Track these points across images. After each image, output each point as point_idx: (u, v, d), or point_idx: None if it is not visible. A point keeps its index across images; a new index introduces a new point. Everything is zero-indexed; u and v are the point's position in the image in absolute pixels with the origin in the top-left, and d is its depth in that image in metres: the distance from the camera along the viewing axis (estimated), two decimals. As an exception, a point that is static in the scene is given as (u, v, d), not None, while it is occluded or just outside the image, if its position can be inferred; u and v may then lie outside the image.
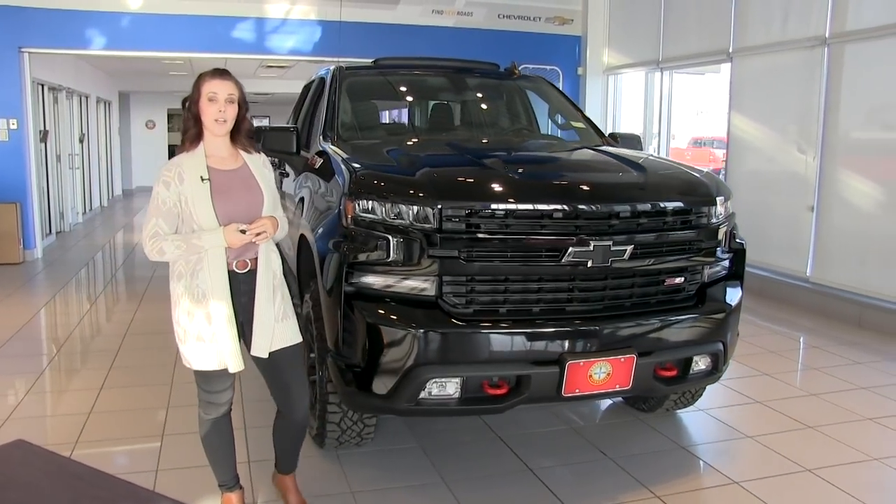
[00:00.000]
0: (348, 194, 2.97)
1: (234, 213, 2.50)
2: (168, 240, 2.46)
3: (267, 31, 9.48)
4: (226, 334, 2.51)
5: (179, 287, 2.53)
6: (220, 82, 2.53)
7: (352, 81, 4.39)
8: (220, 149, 2.59)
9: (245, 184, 2.59)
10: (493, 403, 2.94)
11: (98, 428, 3.76)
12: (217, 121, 2.51)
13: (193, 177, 2.48)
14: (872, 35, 6.01)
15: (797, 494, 3.18)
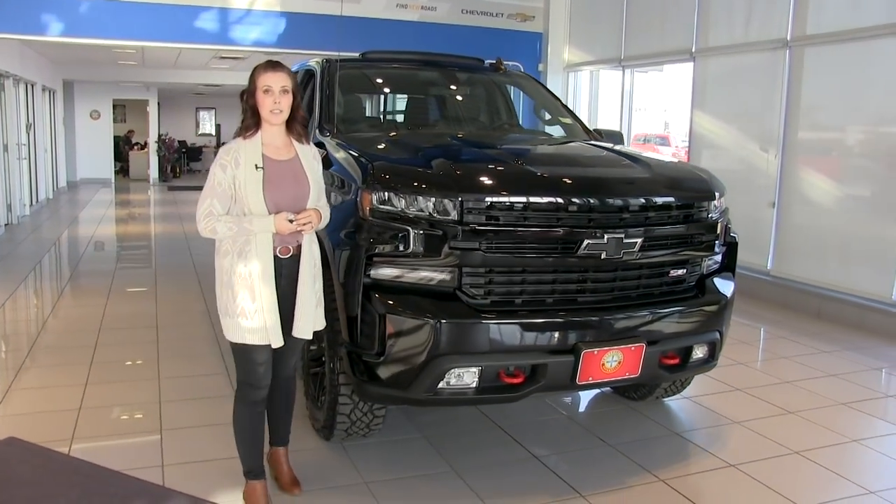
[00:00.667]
0: (365, 186, 2.97)
1: (282, 202, 2.66)
2: (221, 220, 2.62)
3: (229, 22, 9.27)
4: (271, 312, 2.66)
5: (225, 264, 2.68)
6: (274, 74, 2.67)
7: (344, 74, 4.37)
8: (275, 138, 2.74)
9: (294, 175, 2.74)
10: (510, 392, 3.01)
11: (91, 424, 3.66)
12: (273, 111, 2.66)
13: (249, 163, 2.64)
14: (831, 39, 6.31)
15: (789, 476, 3.34)
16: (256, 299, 2.65)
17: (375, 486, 3.10)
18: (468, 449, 3.50)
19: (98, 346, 4.89)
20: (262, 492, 2.84)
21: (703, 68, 7.82)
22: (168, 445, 3.44)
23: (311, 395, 3.61)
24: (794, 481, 3.29)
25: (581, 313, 3.02)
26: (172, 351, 4.84)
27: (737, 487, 3.22)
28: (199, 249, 8.76)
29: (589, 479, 3.23)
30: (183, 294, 6.50)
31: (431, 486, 3.13)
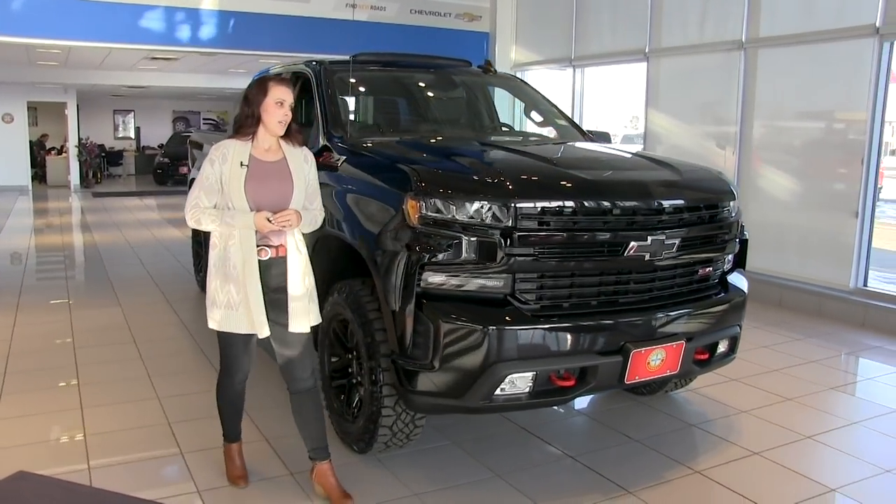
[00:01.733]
0: (413, 193, 2.92)
1: (264, 200, 2.79)
2: (206, 213, 2.78)
3: (171, 21, 8.87)
4: (257, 303, 2.79)
5: (214, 256, 2.86)
6: (286, 90, 2.85)
7: (341, 77, 4.29)
8: (267, 141, 2.88)
9: (280, 175, 2.86)
10: (561, 395, 3.03)
11: (104, 450, 3.45)
12: (281, 122, 2.83)
13: (235, 160, 2.79)
14: (784, 42, 6.64)
15: (810, 459, 3.50)
16: (240, 291, 2.79)
17: (428, 498, 3.05)
18: (501, 452, 3.50)
19: (80, 366, 4.60)
20: (238, 451, 3.19)
21: (656, 68, 8.08)
22: (197, 469, 3.28)
23: (337, 408, 3.52)
24: (817, 465, 3.45)
25: (627, 314, 3.07)
26: (162, 368, 4.62)
27: (767, 474, 3.34)
28: (150, 259, 8.39)
29: (629, 476, 3.29)
30: (150, 305, 6.21)
31: (482, 493, 3.11)
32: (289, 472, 3.25)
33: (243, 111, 2.83)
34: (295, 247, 2.87)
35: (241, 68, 15.13)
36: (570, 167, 3.25)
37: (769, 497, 3.12)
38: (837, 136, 6.34)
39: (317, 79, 4.25)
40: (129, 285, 6.98)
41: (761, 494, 3.14)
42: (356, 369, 3.39)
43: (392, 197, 3.02)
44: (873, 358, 5.24)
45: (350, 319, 3.29)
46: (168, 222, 12.03)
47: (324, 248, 3.69)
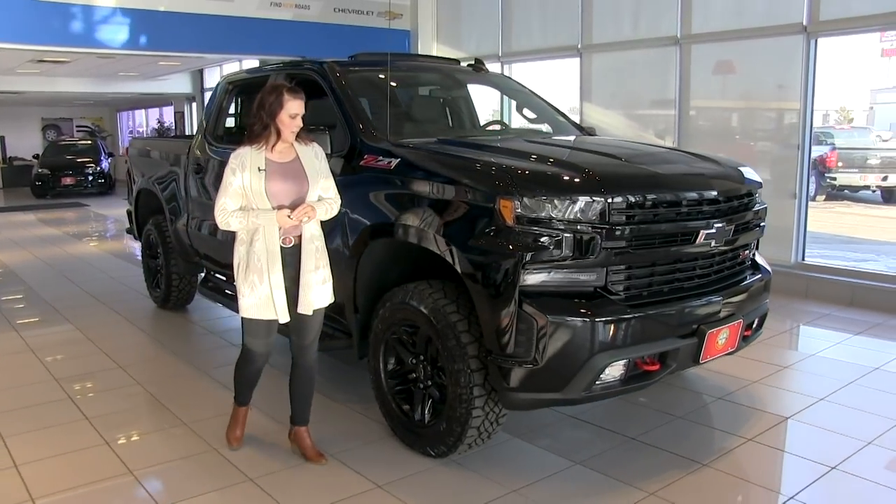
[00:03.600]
0: (506, 194, 2.95)
1: (283, 199, 3.13)
2: (234, 215, 3.12)
3: (66, 18, 8.15)
4: (279, 292, 3.14)
5: (241, 251, 3.20)
6: (301, 103, 3.15)
7: (356, 78, 4.22)
8: (280, 145, 3.19)
9: (295, 174, 3.17)
10: (646, 379, 3.17)
11: (172, 486, 3.23)
12: (293, 132, 3.16)
13: (253, 167, 3.11)
14: (717, 38, 7.15)
15: (834, 419, 3.85)
16: (265, 281, 3.12)
17: (528, 493, 3.10)
18: (569, 440, 3.61)
19: (76, 399, 4.23)
20: (243, 415, 3.55)
21: (589, 63, 8.43)
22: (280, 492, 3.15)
23: (401, 415, 3.49)
24: (841, 424, 3.80)
25: (698, 298, 3.25)
26: (169, 393, 4.34)
27: (809, 434, 3.66)
28: (82, 278, 7.76)
29: (692, 450, 3.49)
30: (117, 327, 5.78)
31: (574, 482, 3.20)
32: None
33: (260, 121, 3.12)
34: (310, 237, 3.19)
35: (133, 72, 14.27)
36: (639, 163, 3.39)
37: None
38: (774, 124, 6.91)
39: (329, 80, 4.15)
40: (76, 307, 6.43)
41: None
42: (426, 373, 3.37)
43: (482, 198, 3.02)
44: (825, 325, 5.77)
45: (423, 323, 3.26)
46: (73, 237, 11.14)
47: (370, 254, 3.63)
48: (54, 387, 4.46)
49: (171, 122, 18.16)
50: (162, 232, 6.07)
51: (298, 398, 3.42)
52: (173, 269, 6.05)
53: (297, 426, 3.45)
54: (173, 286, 6.12)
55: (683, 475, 3.24)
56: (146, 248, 6.48)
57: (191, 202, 5.45)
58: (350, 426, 3.80)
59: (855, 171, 14.51)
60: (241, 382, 3.51)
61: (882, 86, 27.55)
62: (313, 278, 3.20)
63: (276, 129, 3.13)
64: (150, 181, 6.16)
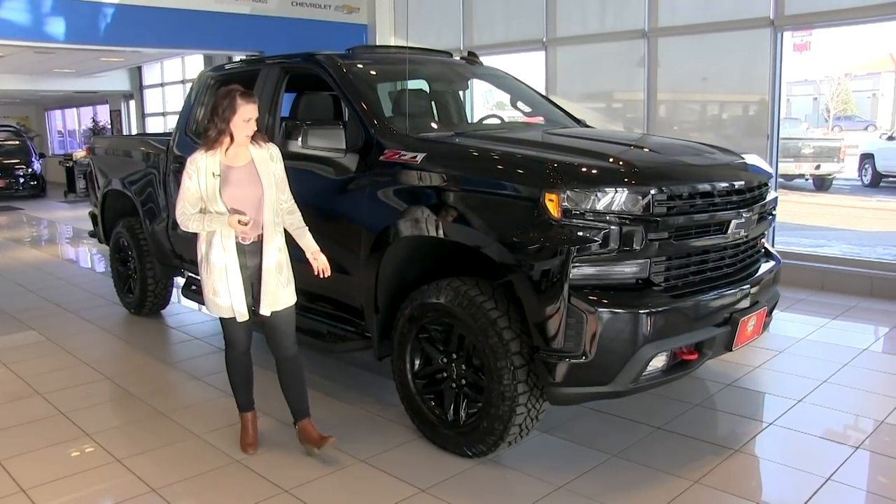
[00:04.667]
0: (553, 187, 2.91)
1: (238, 202, 3.20)
2: (192, 218, 3.20)
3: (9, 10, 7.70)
4: (237, 292, 3.22)
5: (202, 249, 3.28)
6: (253, 107, 3.21)
7: (361, 72, 4.12)
8: (234, 148, 3.24)
9: (249, 178, 3.23)
10: (685, 369, 3.20)
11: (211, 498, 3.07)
12: (247, 135, 3.22)
13: (208, 172, 3.18)
14: (684, 31, 7.30)
15: (845, 400, 3.98)
16: (223, 281, 3.22)
17: (574, 487, 3.08)
18: (594, 433, 3.60)
19: (69, 415, 3.98)
20: (252, 419, 3.52)
21: (554, 56, 8.48)
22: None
23: (431, 416, 3.42)
24: (858, 404, 3.93)
25: (730, 287, 3.29)
26: (170, 403, 4.14)
27: (826, 416, 3.77)
28: (39, 285, 7.34)
29: (720, 435, 3.55)
30: (92, 336, 5.47)
31: (617, 473, 3.20)
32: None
33: (214, 126, 3.17)
34: (270, 239, 3.24)
35: (69, 68, 13.60)
36: (671, 154, 3.41)
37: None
38: (743, 114, 7.11)
39: (336, 75, 4.02)
40: (42, 317, 6.06)
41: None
42: (459, 372, 3.31)
43: (526, 192, 2.97)
44: (803, 310, 5.97)
45: (458, 321, 3.20)
46: (15, 242, 10.53)
47: (393, 252, 3.54)
48: (41, 402, 4.19)
49: (107, 122, 17.38)
50: (135, 235, 5.79)
51: (290, 392, 3.44)
52: (149, 273, 5.78)
53: (299, 420, 3.44)
54: (149, 291, 5.85)
55: (720, 461, 3.29)
56: (116, 252, 6.16)
57: (172, 202, 5.20)
58: (372, 430, 3.70)
59: (790, 160, 15.11)
60: (235, 381, 3.50)
61: (795, 79, 29.00)
62: (273, 280, 3.25)
63: (230, 134, 3.18)
64: (122, 182, 5.86)
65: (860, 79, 30.46)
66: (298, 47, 6.64)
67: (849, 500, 3.01)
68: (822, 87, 28.94)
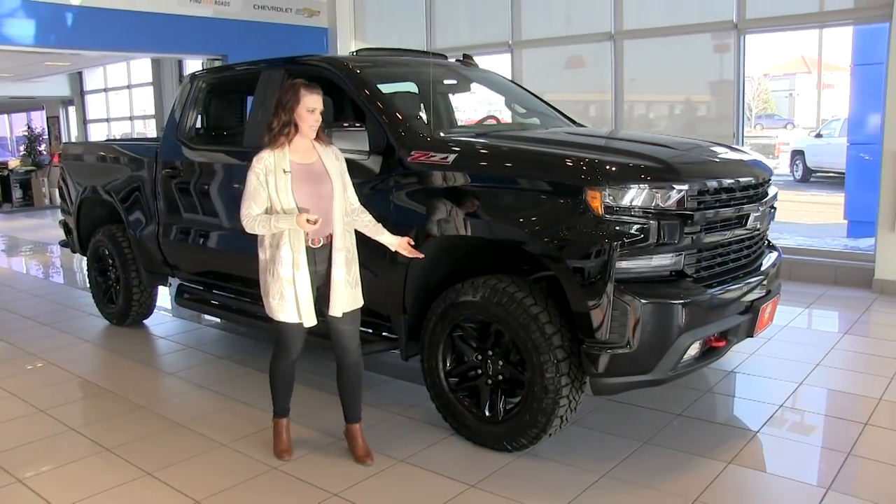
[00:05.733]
0: (596, 185, 3.00)
1: (308, 200, 3.12)
2: (258, 220, 3.10)
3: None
4: (304, 295, 3.13)
5: (267, 254, 3.19)
6: (318, 97, 3.14)
7: (374, 74, 4.13)
8: (302, 145, 3.19)
9: (318, 176, 3.18)
10: (715, 355, 3.36)
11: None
12: (312, 127, 3.15)
13: (278, 169, 3.10)
14: (653, 34, 7.57)
15: (838, 379, 4.23)
16: (291, 285, 3.11)
17: (616, 474, 3.19)
18: (618, 422, 3.72)
19: (80, 430, 3.84)
20: (286, 426, 3.47)
21: (520, 58, 8.64)
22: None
23: (468, 413, 3.46)
24: (851, 383, 4.18)
25: (750, 276, 3.47)
26: (185, 413, 4.05)
27: (832, 398, 4.00)
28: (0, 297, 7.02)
29: (747, 418, 3.73)
30: (78, 349, 5.27)
31: (655, 460, 3.32)
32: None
33: (279, 119, 3.10)
34: (341, 239, 3.18)
35: (6, 72, 13.01)
36: (694, 151, 3.56)
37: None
38: (710, 113, 7.41)
39: (350, 77, 4.03)
40: (17, 331, 5.79)
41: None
42: (495, 368, 3.37)
43: (569, 189, 3.06)
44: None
45: (497, 318, 3.26)
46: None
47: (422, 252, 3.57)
48: (46, 419, 4.04)
49: (43, 128, 16.67)
50: (118, 243, 5.62)
51: (346, 396, 3.41)
52: (133, 282, 5.62)
53: (349, 423, 3.44)
54: (133, 300, 5.68)
55: (746, 442, 3.46)
56: (94, 261, 5.97)
57: (163, 209, 5.08)
58: (400, 430, 3.72)
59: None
60: (277, 388, 3.43)
61: (716, 79, 30.33)
62: (343, 282, 3.20)
63: (294, 126, 3.11)
64: (102, 189, 5.67)
65: (778, 79, 31.94)
66: (260, 51, 6.60)
67: (871, 472, 3.20)
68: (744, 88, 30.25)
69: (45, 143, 16.48)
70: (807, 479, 3.13)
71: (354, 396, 3.40)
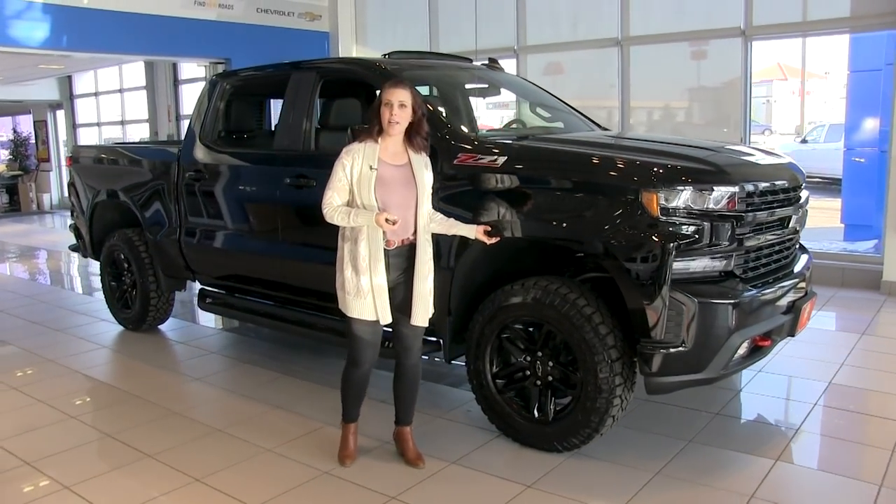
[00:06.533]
0: (652, 187, 3.04)
1: (391, 201, 3.11)
2: (338, 211, 3.10)
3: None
4: (380, 292, 3.12)
5: (346, 248, 3.17)
6: (395, 90, 3.10)
7: (415, 77, 4.16)
8: (393, 144, 3.17)
9: (405, 179, 3.16)
10: (760, 355, 3.41)
11: None
12: (390, 122, 3.09)
13: (364, 163, 3.09)
14: (655, 40, 7.67)
15: (864, 378, 4.31)
16: (366, 281, 3.10)
17: (668, 472, 3.22)
18: (652, 422, 3.75)
19: (116, 436, 3.79)
20: (354, 431, 3.44)
21: (525, 63, 8.69)
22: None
23: (519, 415, 3.48)
24: (877, 382, 4.26)
25: (790, 277, 3.53)
26: (222, 418, 4.02)
27: (853, 393, 4.07)
28: (4, 304, 6.90)
29: (786, 415, 3.78)
30: (95, 354, 5.22)
31: (703, 459, 3.36)
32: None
33: (370, 115, 3.16)
34: (423, 247, 3.18)
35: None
36: (738, 155, 3.62)
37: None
38: (719, 117, 7.52)
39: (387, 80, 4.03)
40: (28, 337, 5.71)
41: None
42: (545, 369, 3.39)
43: (625, 192, 3.09)
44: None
45: (549, 320, 3.28)
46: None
47: (469, 255, 3.58)
48: (78, 426, 3.99)
49: (31, 133, 16.42)
50: (134, 247, 5.57)
51: (402, 398, 3.40)
52: (151, 287, 5.56)
53: (401, 426, 3.44)
54: (151, 305, 5.62)
55: (788, 440, 3.52)
56: (108, 265, 5.90)
57: (186, 213, 5.04)
58: (444, 433, 3.72)
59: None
60: (348, 396, 3.40)
61: (693, 86, 30.90)
62: (424, 290, 3.20)
63: (379, 123, 3.11)
64: (120, 192, 5.61)
65: (755, 86, 32.53)
66: (263, 55, 6.55)
67: (914, 469, 3.27)
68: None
69: (33, 148, 16.24)
70: (858, 476, 3.18)
71: (411, 398, 3.40)
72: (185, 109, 13.02)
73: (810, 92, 28.90)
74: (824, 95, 29.23)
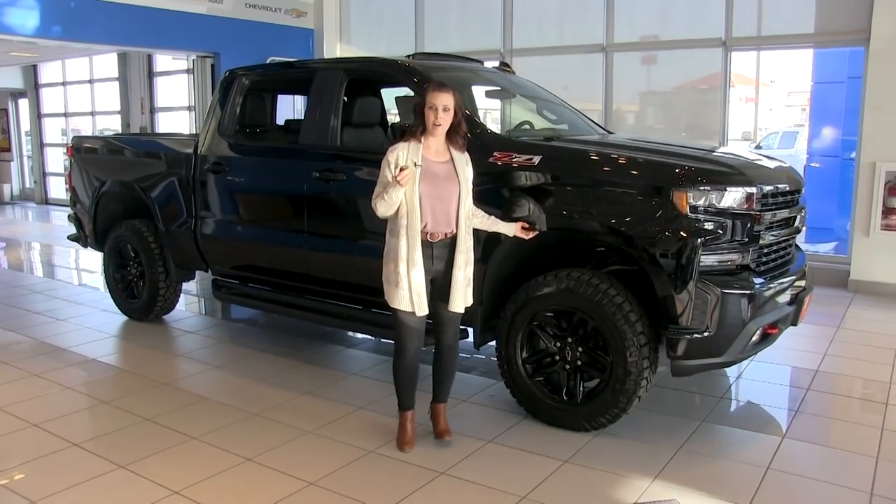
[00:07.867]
0: (683, 186, 3.34)
1: (433, 194, 3.32)
2: (378, 203, 3.30)
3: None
4: (417, 285, 3.32)
5: (391, 241, 3.37)
6: (438, 94, 3.30)
7: (445, 78, 4.36)
8: (435, 143, 3.38)
9: (447, 175, 3.38)
10: (769, 341, 3.75)
11: (359, 486, 3.21)
12: (434, 124, 3.31)
13: (409, 161, 3.27)
14: (638, 47, 8.05)
15: (850, 367, 4.71)
16: (406, 275, 3.30)
17: (690, 447, 3.53)
18: (663, 404, 4.06)
19: (156, 420, 3.92)
20: (411, 418, 3.59)
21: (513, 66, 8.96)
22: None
23: (549, 398, 3.74)
24: (862, 370, 4.66)
25: (794, 272, 3.87)
26: (256, 403, 4.15)
27: (843, 381, 4.46)
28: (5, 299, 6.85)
29: (789, 399, 4.12)
30: (108, 342, 5.28)
31: (719, 436, 3.69)
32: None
33: (416, 116, 3.35)
34: (464, 240, 3.38)
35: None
36: (748, 159, 3.95)
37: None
38: (700, 122, 7.94)
39: (423, 80, 4.23)
40: (35, 325, 5.72)
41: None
42: (574, 354, 3.65)
43: (656, 191, 3.39)
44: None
45: (581, 308, 3.54)
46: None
47: (503, 247, 3.81)
48: (113, 411, 4.08)
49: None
50: (143, 237, 5.64)
51: (440, 375, 3.62)
52: (160, 277, 5.64)
53: (436, 402, 3.65)
54: (159, 295, 5.70)
55: (793, 419, 3.87)
56: (113, 255, 5.94)
57: (203, 204, 5.15)
58: (476, 416, 3.95)
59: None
60: (400, 385, 3.57)
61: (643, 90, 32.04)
62: (462, 280, 3.41)
63: (423, 123, 3.31)
64: (132, 183, 5.66)
65: (703, 92, 33.70)
66: (250, 50, 6.63)
67: (903, 444, 3.65)
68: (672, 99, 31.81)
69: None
70: (857, 450, 3.52)
71: (447, 376, 3.62)
72: (160, 102, 12.93)
73: (755, 99, 30.02)
74: (770, 103, 30.37)
